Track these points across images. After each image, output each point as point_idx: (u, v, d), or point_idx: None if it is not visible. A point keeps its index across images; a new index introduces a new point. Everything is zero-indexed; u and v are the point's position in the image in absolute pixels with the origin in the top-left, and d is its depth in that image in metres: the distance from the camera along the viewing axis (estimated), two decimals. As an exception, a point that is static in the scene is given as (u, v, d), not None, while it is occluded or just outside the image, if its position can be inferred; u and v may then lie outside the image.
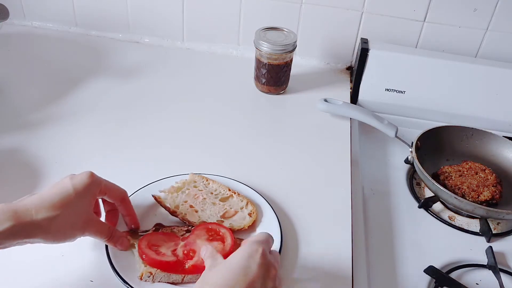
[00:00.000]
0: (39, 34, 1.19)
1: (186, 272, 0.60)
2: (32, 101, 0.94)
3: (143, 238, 0.63)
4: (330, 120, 0.97)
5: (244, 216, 0.70)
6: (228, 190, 0.74)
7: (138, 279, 0.59)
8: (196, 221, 0.68)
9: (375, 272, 0.71)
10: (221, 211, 0.71)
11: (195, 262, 0.61)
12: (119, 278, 0.59)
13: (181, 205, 0.70)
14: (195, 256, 0.61)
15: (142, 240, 0.62)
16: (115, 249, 0.62)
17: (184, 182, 0.74)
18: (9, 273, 0.61)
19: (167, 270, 0.60)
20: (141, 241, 0.62)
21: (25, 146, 0.82)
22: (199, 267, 0.60)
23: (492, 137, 0.93)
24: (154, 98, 0.99)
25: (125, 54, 1.14)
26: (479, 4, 1.00)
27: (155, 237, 0.64)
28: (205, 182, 0.75)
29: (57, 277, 0.61)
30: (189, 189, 0.73)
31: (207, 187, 0.74)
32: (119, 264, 0.60)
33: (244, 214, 0.71)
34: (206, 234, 0.64)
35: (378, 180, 0.89)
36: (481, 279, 0.71)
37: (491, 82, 0.99)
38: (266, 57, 0.98)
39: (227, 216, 0.70)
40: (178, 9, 1.13)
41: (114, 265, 0.60)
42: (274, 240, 0.58)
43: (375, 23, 1.07)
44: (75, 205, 0.55)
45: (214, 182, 0.75)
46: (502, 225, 0.82)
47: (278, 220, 0.69)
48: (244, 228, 0.68)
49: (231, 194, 0.73)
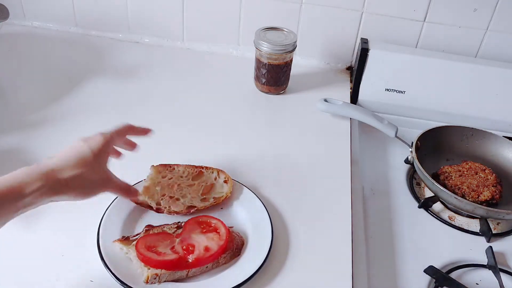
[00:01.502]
0: (39, 34, 1.19)
1: (190, 266, 0.61)
2: (32, 101, 0.94)
3: (139, 241, 0.62)
4: (330, 120, 0.97)
5: (222, 184, 0.73)
6: (194, 167, 0.75)
7: (144, 283, 0.59)
8: (183, 209, 0.70)
9: (375, 272, 0.71)
10: (200, 189, 0.72)
11: (197, 255, 0.61)
12: (125, 286, 0.58)
13: (161, 200, 0.71)
14: (195, 250, 0.62)
15: (139, 244, 0.62)
16: (111, 259, 0.61)
17: (151, 177, 0.73)
18: (9, 272, 0.61)
19: (172, 268, 0.60)
20: (138, 246, 0.61)
21: (25, 146, 0.82)
22: (202, 259, 0.61)
23: (492, 137, 0.93)
24: (154, 98, 0.99)
25: (125, 54, 1.14)
26: (479, 4, 1.00)
27: (150, 239, 0.63)
28: (169, 168, 0.75)
29: (57, 276, 0.61)
30: (160, 181, 0.73)
31: (174, 173, 0.75)
32: (120, 272, 0.60)
33: (220, 182, 0.73)
34: (198, 227, 0.66)
35: (378, 180, 0.89)
36: (481, 279, 0.71)
37: (491, 82, 0.99)
38: (266, 57, 0.98)
39: (207, 192, 0.72)
40: (178, 9, 1.13)
41: (116, 275, 0.59)
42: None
43: (375, 23, 1.07)
44: (93, 164, 0.58)
45: (178, 166, 0.76)
46: (502, 225, 0.82)
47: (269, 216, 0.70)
48: (227, 195, 0.71)
49: (199, 170, 0.75)
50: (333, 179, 0.82)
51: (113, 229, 0.66)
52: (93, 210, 0.67)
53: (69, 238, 0.66)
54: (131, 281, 0.59)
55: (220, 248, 0.63)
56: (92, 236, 0.65)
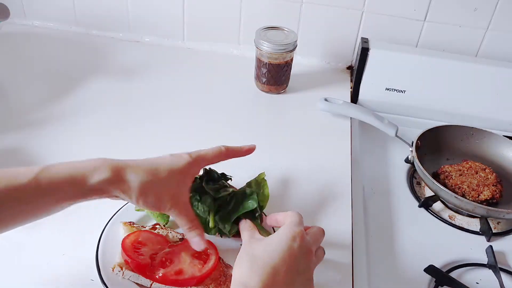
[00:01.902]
0: (39, 34, 1.19)
1: (154, 279, 0.59)
2: (32, 100, 0.94)
3: (134, 233, 0.62)
4: (330, 119, 0.97)
5: None
6: None
7: (110, 270, 0.59)
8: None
9: (375, 271, 0.71)
10: None
11: (166, 272, 0.59)
12: (95, 264, 0.60)
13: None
14: (169, 267, 0.60)
15: (131, 235, 0.62)
16: (108, 235, 0.63)
17: None
18: (9, 272, 0.61)
19: (136, 270, 0.59)
20: (129, 236, 0.62)
21: (25, 146, 0.82)
22: (167, 278, 0.59)
23: (492, 136, 0.93)
24: (155, 97, 0.99)
25: (126, 53, 1.14)
26: (479, 3, 1.00)
27: (146, 236, 0.63)
28: None
29: (58, 276, 0.61)
30: None
31: None
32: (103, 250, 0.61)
33: None
34: (193, 249, 0.61)
35: (379, 179, 0.89)
36: (481, 278, 0.71)
37: (492, 81, 0.99)
38: (267, 57, 0.98)
39: None
40: (178, 8, 1.13)
41: (98, 250, 0.61)
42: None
43: (376, 23, 1.07)
44: (168, 179, 0.56)
45: None
46: (502, 224, 0.82)
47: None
48: None
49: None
50: (333, 178, 0.82)
51: (131, 215, 0.67)
52: (94, 210, 0.67)
53: (70, 238, 0.66)
54: (105, 265, 0.60)
55: (191, 278, 0.59)
56: (92, 236, 0.65)
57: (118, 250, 0.61)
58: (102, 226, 0.66)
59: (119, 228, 0.65)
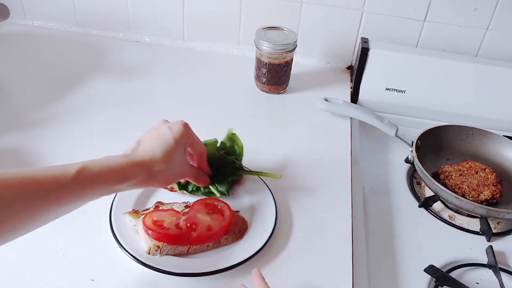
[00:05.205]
0: (39, 34, 1.19)
1: (191, 243, 0.63)
2: (32, 100, 0.94)
3: (147, 215, 0.65)
4: (330, 119, 0.97)
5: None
6: None
7: (146, 254, 0.61)
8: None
9: (375, 271, 0.71)
10: None
11: (199, 233, 0.64)
12: (128, 255, 0.61)
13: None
14: (197, 228, 0.64)
15: (146, 218, 0.64)
16: (120, 229, 0.64)
17: None
18: (9, 272, 0.61)
19: (174, 242, 0.62)
20: (145, 219, 0.64)
21: (25, 146, 0.82)
22: (203, 237, 0.64)
23: (492, 136, 0.93)
24: (154, 97, 0.99)
25: (126, 53, 1.14)
26: (479, 3, 1.00)
27: (157, 214, 0.66)
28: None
29: (58, 276, 0.61)
30: None
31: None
32: (126, 242, 0.63)
33: None
34: (205, 208, 0.68)
35: (378, 179, 0.89)
36: (481, 278, 0.71)
37: (492, 81, 0.99)
38: (267, 57, 0.98)
39: None
40: (178, 8, 1.13)
41: (122, 243, 0.62)
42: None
43: (376, 23, 1.07)
44: (176, 155, 0.61)
45: None
46: (502, 224, 0.82)
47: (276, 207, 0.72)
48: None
49: None
50: (334, 178, 0.82)
51: (126, 202, 0.69)
52: (94, 210, 0.67)
53: (70, 237, 0.66)
54: (135, 252, 0.61)
55: (221, 229, 0.65)
56: (92, 236, 0.66)
57: (136, 238, 0.64)
58: (102, 226, 0.66)
59: (124, 220, 0.66)
